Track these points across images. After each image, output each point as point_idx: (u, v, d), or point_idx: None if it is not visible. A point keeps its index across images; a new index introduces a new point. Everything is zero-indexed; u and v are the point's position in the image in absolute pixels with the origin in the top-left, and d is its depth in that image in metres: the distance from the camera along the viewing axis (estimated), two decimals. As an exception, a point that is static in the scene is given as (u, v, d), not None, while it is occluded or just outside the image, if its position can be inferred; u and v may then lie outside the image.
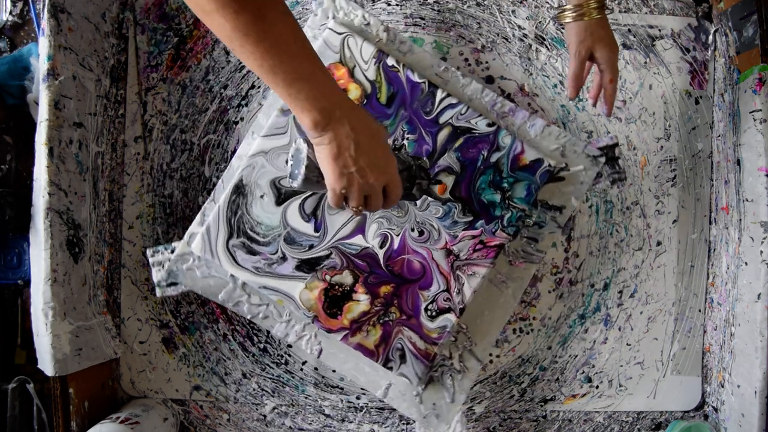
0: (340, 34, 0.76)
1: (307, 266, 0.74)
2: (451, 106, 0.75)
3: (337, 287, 0.74)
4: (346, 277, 0.74)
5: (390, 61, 0.76)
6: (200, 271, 0.76)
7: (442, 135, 0.75)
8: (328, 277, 0.74)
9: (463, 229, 0.75)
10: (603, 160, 0.78)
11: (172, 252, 0.78)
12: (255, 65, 0.48)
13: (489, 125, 0.75)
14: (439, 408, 0.77)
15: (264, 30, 0.46)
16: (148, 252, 0.79)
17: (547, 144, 0.78)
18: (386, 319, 0.74)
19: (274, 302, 0.76)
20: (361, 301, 0.74)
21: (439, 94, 0.75)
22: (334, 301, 0.74)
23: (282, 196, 0.74)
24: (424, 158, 0.75)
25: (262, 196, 0.74)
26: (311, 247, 0.74)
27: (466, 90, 0.79)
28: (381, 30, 0.78)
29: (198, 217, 0.77)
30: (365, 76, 0.76)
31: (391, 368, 0.74)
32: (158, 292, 0.79)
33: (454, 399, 0.76)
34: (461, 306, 0.74)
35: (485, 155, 0.75)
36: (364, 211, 0.60)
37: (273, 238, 0.74)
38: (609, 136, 0.79)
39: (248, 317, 0.76)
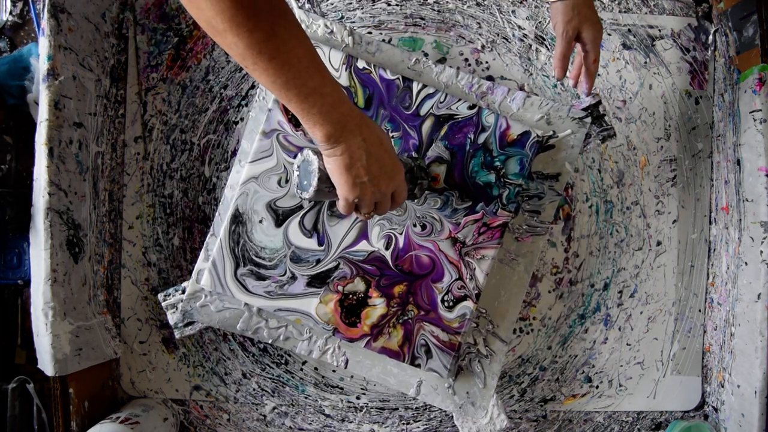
0: None
1: (318, 281, 0.74)
2: (430, 96, 0.75)
3: (351, 296, 0.74)
4: (359, 285, 0.74)
5: (360, 64, 0.76)
6: (214, 305, 0.77)
7: (426, 126, 0.75)
8: (340, 288, 0.74)
9: (465, 215, 0.75)
10: (589, 120, 0.79)
11: (183, 292, 0.78)
12: (268, 82, 0.48)
13: (470, 108, 0.75)
14: (473, 396, 0.77)
15: (277, 47, 0.46)
16: (160, 296, 0.80)
17: (531, 115, 0.79)
18: (405, 317, 0.74)
19: (293, 322, 0.76)
20: (378, 305, 0.74)
21: (416, 87, 0.75)
22: (351, 309, 0.74)
23: (281, 217, 0.75)
24: (422, 158, 0.75)
25: (260, 221, 0.75)
26: (318, 261, 0.74)
27: (441, 77, 0.79)
28: (345, 35, 0.78)
29: (202, 253, 0.77)
30: (339, 84, 0.76)
31: (418, 365, 0.74)
32: (177, 334, 0.79)
33: (486, 384, 0.77)
34: (476, 291, 0.74)
35: (472, 138, 0.75)
36: (374, 214, 0.61)
37: (279, 260, 0.74)
38: (591, 95, 0.79)
39: (270, 342, 0.77)
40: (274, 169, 0.75)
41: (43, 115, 0.78)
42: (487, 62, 0.95)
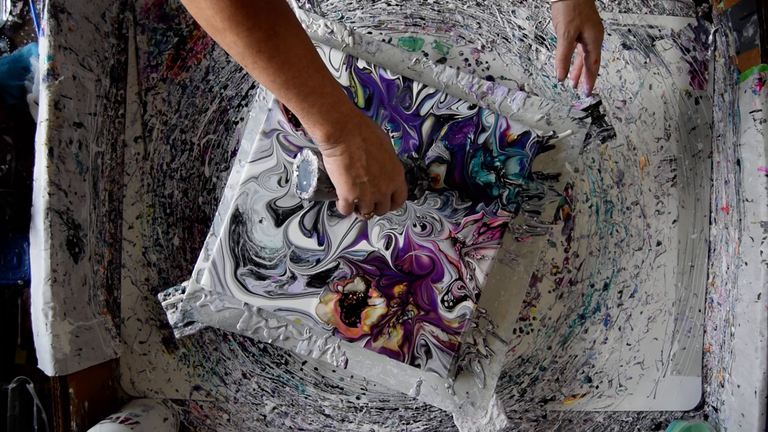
0: None
1: (318, 281, 0.74)
2: (430, 96, 0.75)
3: (351, 296, 0.74)
4: (359, 285, 0.74)
5: (361, 64, 0.76)
6: (214, 305, 0.77)
7: (426, 126, 0.75)
8: (340, 288, 0.74)
9: (465, 215, 0.75)
10: (589, 120, 0.79)
11: (183, 292, 0.78)
12: (267, 81, 0.48)
13: (470, 108, 0.75)
14: (473, 396, 0.77)
15: (277, 46, 0.46)
16: (160, 296, 0.80)
17: (531, 115, 0.79)
18: (405, 317, 0.74)
19: (292, 322, 0.76)
20: (378, 305, 0.74)
21: (416, 87, 0.75)
22: (351, 309, 0.74)
23: (281, 217, 0.75)
24: (422, 158, 0.75)
25: (260, 221, 0.75)
26: (318, 261, 0.74)
27: (441, 77, 0.79)
28: (346, 35, 0.78)
29: (202, 253, 0.77)
30: (339, 84, 0.76)
31: (418, 365, 0.74)
32: (177, 334, 0.79)
33: (486, 384, 0.77)
34: (476, 291, 0.74)
35: (472, 138, 0.75)
36: (374, 215, 0.61)
37: (279, 259, 0.74)
38: (591, 95, 0.79)
39: (270, 342, 0.77)
40: (274, 169, 0.75)
41: (43, 115, 0.78)
42: (487, 62, 0.95)
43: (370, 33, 0.94)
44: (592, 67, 0.76)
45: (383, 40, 0.93)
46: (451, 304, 0.74)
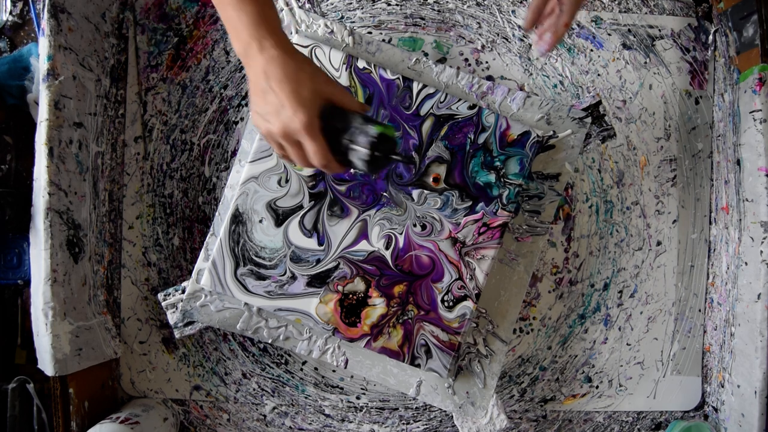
0: (306, 47, 0.76)
1: (318, 281, 0.74)
2: (430, 96, 0.76)
3: (351, 296, 0.74)
4: (359, 284, 0.74)
5: (361, 64, 0.76)
6: (214, 305, 0.77)
7: (426, 126, 0.75)
8: (340, 288, 0.74)
9: (465, 215, 0.75)
10: (589, 120, 0.79)
11: (183, 292, 0.78)
12: None
13: (470, 108, 0.75)
14: (473, 396, 0.78)
15: None
16: (160, 296, 0.80)
17: (531, 115, 0.79)
18: (405, 317, 0.74)
19: (292, 322, 0.76)
20: (378, 305, 0.74)
21: (416, 87, 0.76)
22: (351, 309, 0.74)
23: (281, 217, 0.75)
24: (392, 126, 0.65)
25: (260, 221, 0.75)
26: (318, 261, 0.74)
27: (441, 77, 0.79)
28: (346, 35, 0.79)
29: (202, 253, 0.77)
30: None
31: (418, 365, 0.74)
32: (177, 334, 0.79)
33: (486, 384, 0.77)
34: (476, 291, 0.74)
35: (472, 138, 0.75)
36: (286, 162, 0.59)
37: (279, 259, 0.74)
38: (591, 95, 0.79)
39: (270, 342, 0.77)
40: (274, 169, 0.75)
41: (43, 115, 0.78)
42: (487, 62, 0.95)
43: (370, 33, 0.94)
44: (560, 30, 0.67)
45: (383, 40, 0.93)
46: (451, 303, 0.74)
